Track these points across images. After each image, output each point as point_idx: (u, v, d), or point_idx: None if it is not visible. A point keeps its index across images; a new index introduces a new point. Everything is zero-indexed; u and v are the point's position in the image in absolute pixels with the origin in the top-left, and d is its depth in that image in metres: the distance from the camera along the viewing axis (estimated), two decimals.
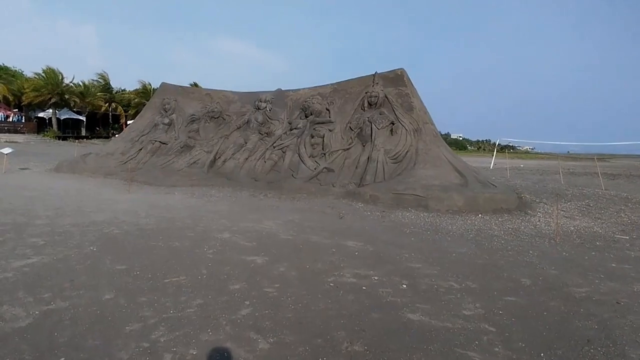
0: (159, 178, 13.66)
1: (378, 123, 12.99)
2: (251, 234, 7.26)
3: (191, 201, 10.33)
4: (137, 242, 6.36)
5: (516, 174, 24.82)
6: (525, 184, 18.23)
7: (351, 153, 12.93)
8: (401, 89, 13.60)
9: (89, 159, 15.78)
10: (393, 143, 12.61)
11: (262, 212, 9.28)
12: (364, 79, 14.44)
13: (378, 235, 7.57)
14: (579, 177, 23.79)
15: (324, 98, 14.77)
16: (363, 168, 12.33)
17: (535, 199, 12.71)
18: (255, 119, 15.23)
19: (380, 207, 10.44)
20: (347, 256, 6.14)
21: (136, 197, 10.63)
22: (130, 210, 8.87)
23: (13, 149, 16.26)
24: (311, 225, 8.23)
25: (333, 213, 9.56)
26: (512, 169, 28.83)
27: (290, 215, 9.14)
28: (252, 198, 11.18)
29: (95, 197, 10.34)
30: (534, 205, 11.56)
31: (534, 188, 16.30)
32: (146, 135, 16.32)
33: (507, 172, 24.43)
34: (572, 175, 24.02)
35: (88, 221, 7.63)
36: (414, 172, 11.76)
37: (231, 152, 14.60)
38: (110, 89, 48.59)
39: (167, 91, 17.64)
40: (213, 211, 9.16)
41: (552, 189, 16.16)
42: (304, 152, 13.32)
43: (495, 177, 16.57)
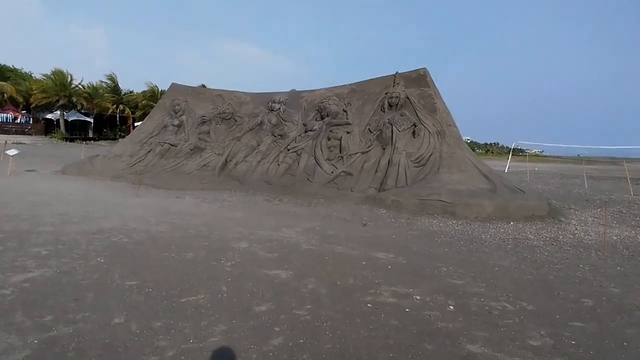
0: (168, 181, 13.19)
1: (399, 125, 12.42)
2: (271, 243, 6.71)
3: (203, 206, 9.82)
4: (148, 253, 5.84)
5: (536, 177, 24.06)
6: (549, 188, 17.53)
7: (370, 156, 12.36)
8: (424, 89, 13.03)
9: (97, 161, 15.37)
10: (415, 146, 12.03)
11: (280, 219, 8.74)
12: (384, 79, 13.89)
13: (408, 246, 7.01)
14: (601, 181, 22.98)
15: (341, 99, 14.24)
16: (383, 172, 11.76)
17: (564, 205, 12.08)
18: (268, 121, 14.72)
19: (404, 213, 9.86)
20: (379, 270, 5.57)
21: (145, 202, 10.15)
22: (140, 216, 8.37)
23: (19, 151, 15.89)
24: (334, 233, 7.68)
25: (355, 220, 9.00)
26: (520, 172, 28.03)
27: (309, 222, 8.59)
28: (267, 203, 10.65)
29: (103, 202, 9.86)
30: (565, 212, 10.94)
31: (559, 193, 15.64)
32: (155, 137, 15.88)
33: (527, 176, 23.68)
34: (593, 180, 23.18)
35: (95, 228, 7.13)
36: (438, 176, 11.17)
37: (243, 155, 14.10)
38: (118, 90, 48.50)
39: (177, 92, 17.21)
40: (228, 217, 8.64)
41: (578, 194, 15.48)
42: (320, 155, 12.78)
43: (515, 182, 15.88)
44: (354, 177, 11.95)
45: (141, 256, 5.67)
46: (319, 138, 13.35)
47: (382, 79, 13.98)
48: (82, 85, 43.71)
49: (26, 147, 28.53)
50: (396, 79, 13.48)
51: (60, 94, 39.66)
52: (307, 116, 14.63)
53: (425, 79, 13.18)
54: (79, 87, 42.87)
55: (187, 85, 17.53)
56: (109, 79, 48.13)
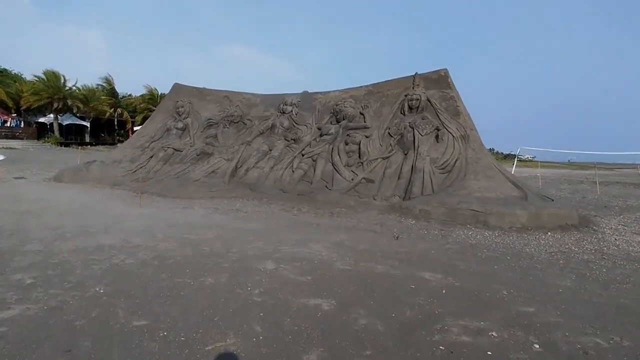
0: (173, 189, 12.19)
1: (421, 129, 11.51)
2: (300, 262, 5.73)
3: (215, 217, 8.82)
4: (157, 279, 4.84)
5: (546, 183, 23.20)
6: (563, 194, 16.73)
7: (392, 162, 11.42)
8: (445, 91, 12.14)
9: (94, 167, 14.32)
10: (439, 151, 11.11)
11: (303, 231, 7.76)
12: (403, 81, 13.00)
13: (453, 263, 6.09)
14: (608, 186, 22.16)
15: (357, 101, 13.32)
16: (407, 179, 10.82)
17: (589, 213, 11.24)
18: (280, 124, 13.77)
19: (434, 223, 8.93)
20: (434, 296, 4.64)
21: (149, 213, 9.14)
22: (144, 229, 7.37)
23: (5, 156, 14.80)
24: (366, 248, 6.72)
25: (385, 232, 8.04)
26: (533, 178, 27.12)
27: (336, 235, 7.62)
28: (284, 213, 9.65)
29: (101, 213, 8.85)
30: (593, 220, 10.12)
31: (576, 199, 14.88)
32: (157, 141, 14.88)
33: (539, 182, 22.79)
34: (600, 185, 22.27)
35: (93, 246, 6.12)
36: (465, 183, 10.27)
37: (254, 160, 13.12)
38: (115, 93, 47.42)
39: (181, 93, 16.23)
40: (244, 230, 7.64)
41: (594, 200, 14.72)
42: (338, 160, 11.82)
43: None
44: (376, 184, 11.02)
45: (150, 283, 4.67)
46: (335, 142, 12.41)
47: (400, 80, 13.10)
48: (77, 88, 42.56)
49: (16, 152, 27.45)
50: (416, 80, 12.59)
51: (53, 96, 38.43)
52: (322, 119, 13.70)
53: (446, 80, 12.30)
54: (74, 89, 41.70)
55: (192, 86, 16.54)
56: (105, 82, 47.04)
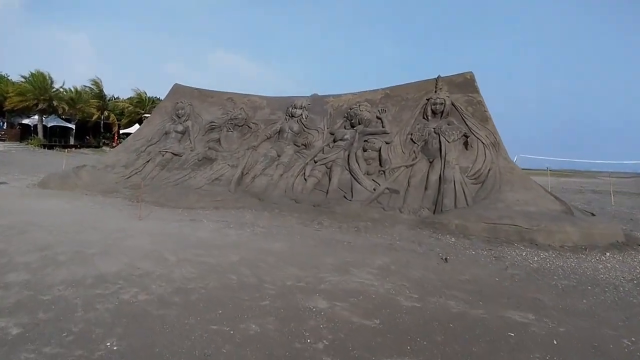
0: (174, 197, 10.89)
1: (448, 135, 10.51)
2: (356, 298, 4.59)
3: (230, 233, 7.58)
4: (185, 326, 3.64)
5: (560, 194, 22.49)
6: (582, 206, 15.90)
7: (416, 170, 10.38)
8: (471, 95, 11.19)
9: (84, 172, 12.87)
10: (469, 159, 10.13)
11: (336, 253, 6.61)
12: (424, 84, 12.03)
13: (533, 296, 5.07)
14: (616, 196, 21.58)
15: (373, 105, 12.28)
16: (435, 189, 9.80)
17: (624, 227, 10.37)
18: (289, 128, 12.61)
19: (476, 241, 7.89)
20: (548, 350, 3.63)
21: (152, 227, 7.86)
22: (151, 250, 6.11)
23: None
24: (421, 276, 5.62)
25: (428, 253, 6.95)
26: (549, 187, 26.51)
27: (376, 257, 6.49)
28: (304, 228, 8.48)
29: (96, 227, 7.53)
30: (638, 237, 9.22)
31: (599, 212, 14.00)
32: (155, 145, 13.53)
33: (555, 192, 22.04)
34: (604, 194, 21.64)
35: (93, 274, 4.85)
36: (501, 195, 9.29)
37: (262, 167, 11.91)
38: (103, 96, 45.49)
39: (181, 94, 14.92)
40: (269, 251, 6.44)
41: (616, 212, 13.92)
42: (356, 168, 10.72)
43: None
44: (401, 195, 9.94)
45: (177, 334, 3.46)
46: (352, 149, 11.31)
47: (421, 84, 12.13)
48: (64, 89, 40.59)
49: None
50: (438, 84, 11.62)
51: (39, 98, 36.42)
52: (334, 123, 12.61)
53: (472, 83, 11.37)
54: (61, 91, 39.73)
55: (192, 87, 15.24)
56: (94, 84, 45.11)
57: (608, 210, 14.43)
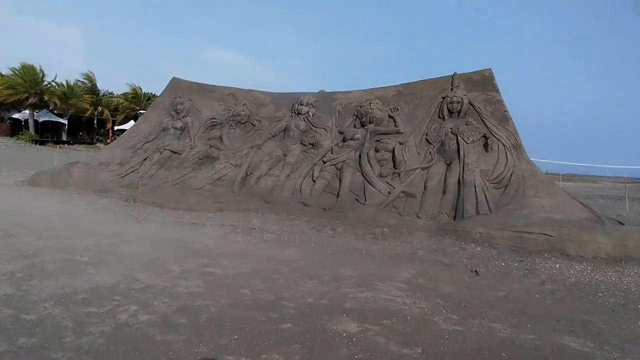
0: (173, 198, 10.32)
1: (466, 136, 9.99)
2: (389, 320, 4.06)
3: (237, 239, 7.01)
4: (194, 356, 3.08)
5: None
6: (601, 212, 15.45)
7: (433, 173, 9.84)
8: (490, 94, 10.67)
9: (76, 169, 12.24)
10: (490, 162, 9.61)
11: (356, 263, 6.07)
12: (439, 81, 11.50)
13: (582, 317, 4.58)
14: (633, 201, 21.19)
15: (385, 103, 11.74)
16: (454, 194, 9.27)
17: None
18: (296, 126, 12.05)
19: (503, 251, 7.39)
20: None
21: (151, 231, 7.28)
22: (151, 258, 5.54)
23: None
24: (454, 292, 5.10)
25: (455, 264, 6.43)
26: None
27: (400, 268, 5.96)
28: (317, 233, 7.93)
29: (89, 230, 6.95)
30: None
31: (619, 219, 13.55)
32: (152, 142, 12.92)
33: None
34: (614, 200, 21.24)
35: (86, 287, 4.28)
36: (525, 201, 8.77)
37: (267, 167, 11.34)
38: (96, 91, 44.68)
39: (180, 88, 14.30)
40: (282, 261, 5.89)
41: (634, 218, 13.46)
42: (369, 170, 10.18)
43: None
44: (417, 199, 9.40)
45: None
46: (363, 149, 10.77)
47: (436, 81, 11.59)
48: (56, 83, 39.79)
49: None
50: (455, 81, 11.09)
51: (30, 91, 35.61)
52: (343, 122, 12.05)
53: (491, 81, 10.84)
54: (52, 85, 38.93)
55: (192, 81, 14.63)
56: (86, 79, 44.29)
57: (626, 217, 13.98)
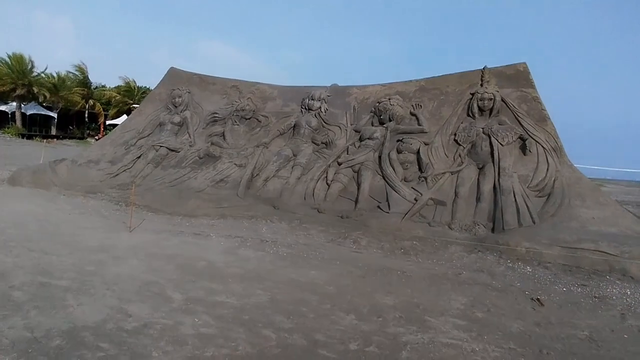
0: (170, 201, 9.39)
1: (500, 137, 9.12)
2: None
3: (248, 256, 6.07)
4: None
5: None
6: None
7: (464, 178, 8.96)
8: (525, 91, 9.79)
9: (62, 167, 11.24)
10: (529, 167, 8.75)
11: (394, 288, 5.16)
12: (467, 75, 10.60)
13: None
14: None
15: (406, 99, 10.83)
16: (489, 202, 8.41)
17: None
18: (307, 124, 11.12)
19: (556, 271, 6.53)
20: None
21: (145, 242, 6.34)
22: (148, 282, 4.60)
23: None
24: (523, 330, 4.22)
25: (509, 289, 5.54)
26: None
27: (447, 295, 5.06)
28: (338, 247, 7.02)
29: (72, 242, 6.00)
30: None
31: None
32: (147, 138, 11.95)
33: None
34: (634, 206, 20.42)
35: (62, 330, 3.36)
36: (572, 212, 7.92)
37: (275, 168, 10.41)
38: (88, 83, 43.49)
39: (178, 79, 13.32)
40: (307, 286, 4.97)
41: None
42: (391, 173, 9.28)
43: None
44: (448, 208, 8.52)
45: None
46: (383, 149, 9.87)
47: (463, 75, 10.69)
48: (46, 75, 38.60)
49: None
50: (485, 76, 10.20)
51: (17, 82, 34.44)
52: (359, 119, 11.14)
53: (526, 76, 9.95)
54: (42, 76, 37.76)
55: (191, 72, 13.65)
56: (78, 70, 43.05)
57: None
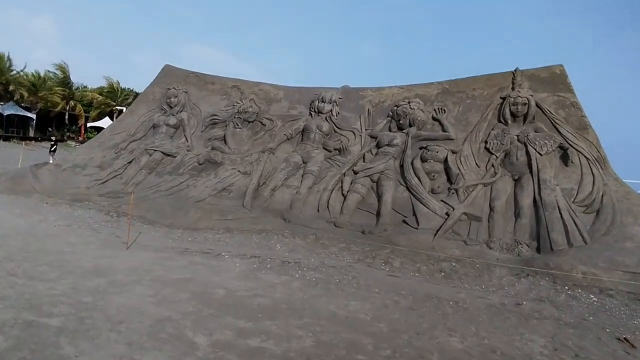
0: (167, 212, 8.53)
1: (538, 145, 8.49)
2: None
3: (272, 281, 5.23)
4: None
5: None
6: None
7: (499, 191, 8.28)
8: (563, 95, 9.20)
9: (44, 173, 10.27)
10: (572, 179, 8.11)
11: (455, 326, 4.40)
12: (495, 77, 10.00)
13: None
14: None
15: (427, 103, 10.16)
16: (530, 217, 7.75)
17: None
18: (317, 128, 10.37)
19: (623, 300, 5.82)
20: None
21: (149, 264, 5.46)
22: (160, 318, 3.76)
23: None
24: None
25: (583, 324, 4.82)
26: None
27: (521, 337, 4.29)
28: (371, 271, 6.23)
29: (61, 263, 5.11)
30: None
31: None
32: (139, 141, 11.06)
33: None
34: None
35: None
36: (625, 230, 7.30)
37: (283, 176, 9.62)
38: (69, 84, 42.12)
39: (173, 78, 12.47)
40: (353, 324, 4.17)
41: None
42: (417, 184, 8.56)
43: None
44: (483, 224, 7.81)
45: None
46: (405, 157, 9.16)
47: (491, 77, 10.09)
48: (25, 73, 37.24)
49: None
50: (517, 78, 9.60)
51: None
52: (374, 124, 10.44)
53: (563, 80, 9.38)
54: (20, 75, 36.40)
55: (188, 70, 12.80)
56: (59, 70, 41.68)
57: None
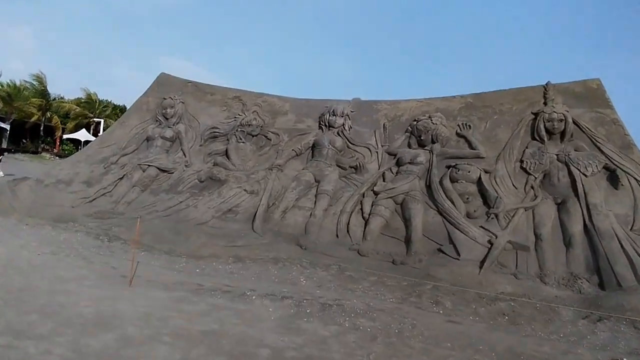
0: (166, 236, 7.58)
1: (583, 166, 7.83)
2: None
3: (319, 333, 4.30)
4: None
5: None
6: None
7: (542, 216, 7.55)
8: (601, 111, 8.61)
9: (23, 189, 9.13)
10: (625, 204, 7.42)
11: None
12: (524, 92, 9.38)
13: None
14: None
15: (450, 118, 9.48)
16: (583, 247, 7.02)
17: None
18: (330, 143, 9.54)
19: None
20: None
21: (161, 306, 4.48)
22: None
23: None
24: None
25: None
26: None
27: None
28: (423, 314, 5.33)
29: (49, 308, 4.12)
30: None
31: None
32: (131, 155, 10.03)
33: None
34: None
35: None
36: None
37: (294, 197, 8.73)
38: (46, 95, 40.74)
39: (169, 87, 11.51)
40: None
41: None
42: (451, 208, 7.77)
43: None
44: (532, 254, 7.04)
45: None
46: (431, 177, 8.40)
47: (520, 91, 9.46)
48: (1, 83, 35.90)
49: None
50: (549, 93, 9.00)
51: None
52: (391, 140, 9.68)
53: (601, 95, 8.79)
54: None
55: (185, 79, 11.90)
56: (36, 80, 40.32)
57: None
